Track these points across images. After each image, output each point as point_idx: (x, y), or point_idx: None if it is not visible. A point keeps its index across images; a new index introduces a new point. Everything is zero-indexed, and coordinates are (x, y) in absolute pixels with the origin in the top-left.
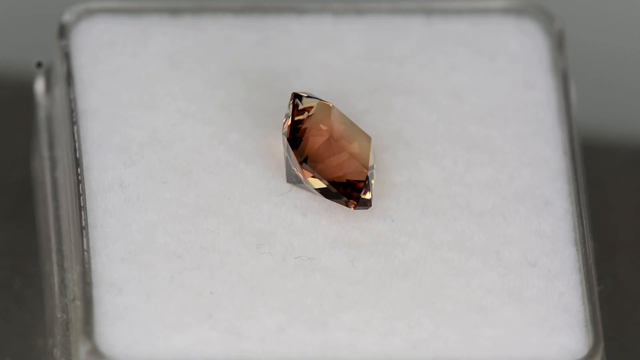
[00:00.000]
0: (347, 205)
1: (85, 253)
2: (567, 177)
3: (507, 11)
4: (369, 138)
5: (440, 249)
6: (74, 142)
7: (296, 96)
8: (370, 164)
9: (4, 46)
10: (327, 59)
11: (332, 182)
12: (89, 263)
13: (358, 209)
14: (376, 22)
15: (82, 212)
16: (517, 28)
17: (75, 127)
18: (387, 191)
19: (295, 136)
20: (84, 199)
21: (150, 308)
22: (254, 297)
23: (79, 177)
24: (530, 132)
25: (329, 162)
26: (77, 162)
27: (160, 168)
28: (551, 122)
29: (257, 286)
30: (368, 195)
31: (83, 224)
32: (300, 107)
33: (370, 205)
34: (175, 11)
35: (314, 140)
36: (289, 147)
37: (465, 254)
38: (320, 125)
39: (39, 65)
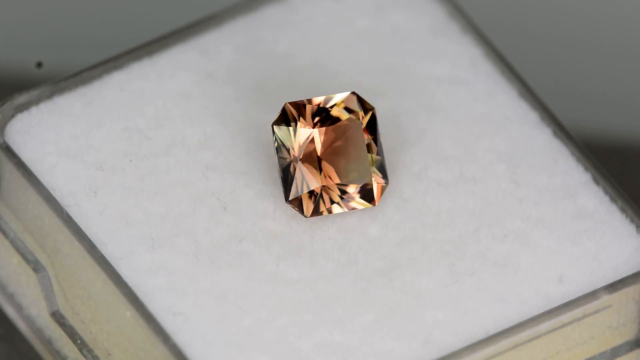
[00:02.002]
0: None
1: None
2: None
3: None
4: (369, 178)
5: (322, 296)
6: None
7: (357, 96)
8: (334, 192)
9: (4, 46)
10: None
11: (284, 169)
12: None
13: (290, 207)
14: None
15: None
16: None
17: None
18: (353, 233)
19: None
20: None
21: (76, 141)
22: (144, 196)
23: None
24: (517, 283)
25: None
26: None
27: (214, 79)
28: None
29: (159, 190)
30: (306, 205)
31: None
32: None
33: (306, 216)
34: None
35: (304, 135)
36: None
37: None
38: (323, 131)
39: (39, 65)
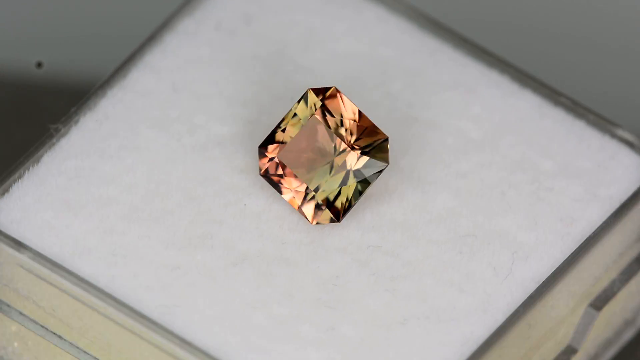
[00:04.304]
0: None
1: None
2: None
3: None
4: (305, 188)
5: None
6: None
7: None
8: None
9: (4, 46)
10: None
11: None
12: None
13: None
14: None
15: None
16: None
17: None
18: (288, 226)
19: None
20: None
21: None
22: (166, 100)
23: None
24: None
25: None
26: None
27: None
28: None
29: (173, 117)
30: (263, 165)
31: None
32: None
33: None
34: None
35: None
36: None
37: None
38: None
39: (39, 65)
